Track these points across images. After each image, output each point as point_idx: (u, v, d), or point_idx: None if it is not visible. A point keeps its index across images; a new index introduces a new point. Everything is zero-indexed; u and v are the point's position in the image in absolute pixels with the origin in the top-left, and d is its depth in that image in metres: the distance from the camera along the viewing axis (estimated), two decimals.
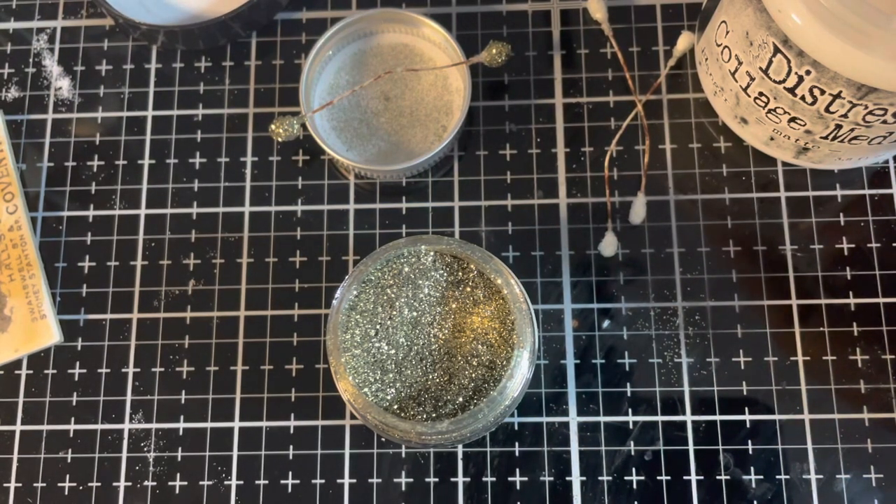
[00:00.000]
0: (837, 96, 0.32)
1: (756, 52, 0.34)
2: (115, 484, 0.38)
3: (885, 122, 0.33)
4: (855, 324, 0.38)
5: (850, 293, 0.39)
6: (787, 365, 0.38)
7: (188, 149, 0.42)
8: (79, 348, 0.40)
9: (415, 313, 0.33)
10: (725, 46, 0.36)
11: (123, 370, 0.40)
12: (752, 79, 0.35)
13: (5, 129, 0.43)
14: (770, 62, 0.33)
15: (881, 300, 0.39)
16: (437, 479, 0.38)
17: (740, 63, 0.35)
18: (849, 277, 0.39)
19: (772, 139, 0.38)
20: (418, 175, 0.41)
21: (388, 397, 0.32)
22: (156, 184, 0.42)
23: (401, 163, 0.39)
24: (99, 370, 0.40)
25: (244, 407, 0.39)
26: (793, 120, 0.35)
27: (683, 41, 0.41)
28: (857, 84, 0.31)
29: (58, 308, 0.40)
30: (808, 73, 0.32)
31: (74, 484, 0.38)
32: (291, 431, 0.39)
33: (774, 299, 0.39)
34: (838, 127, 0.34)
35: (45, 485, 0.38)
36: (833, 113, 0.33)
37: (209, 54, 0.44)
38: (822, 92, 0.32)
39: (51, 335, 0.40)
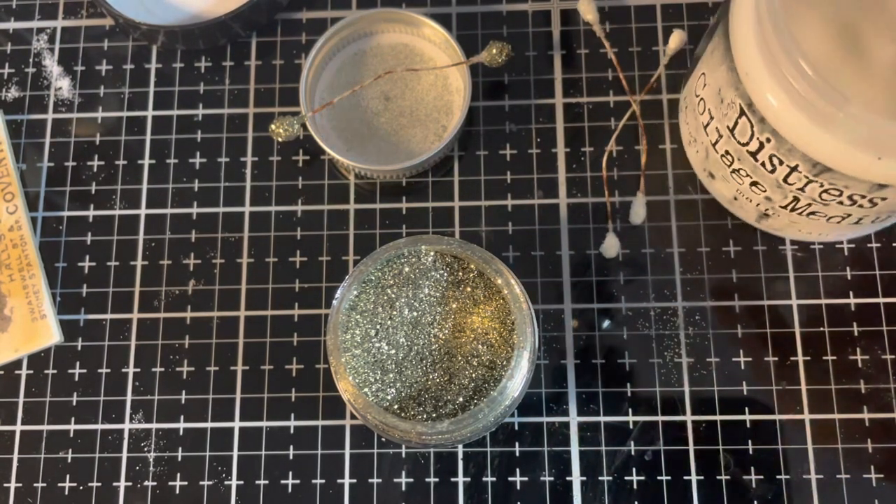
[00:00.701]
0: (794, 169, 0.31)
1: (725, 110, 0.33)
2: (115, 484, 0.38)
3: (840, 203, 0.32)
4: (855, 324, 0.38)
5: (850, 293, 0.39)
6: (787, 365, 0.38)
7: (188, 149, 0.42)
8: (79, 348, 0.40)
9: (415, 313, 0.33)
10: (702, 98, 0.35)
11: (124, 370, 0.40)
12: (720, 136, 0.34)
13: (5, 128, 0.43)
14: (736, 123, 0.32)
15: (881, 300, 0.39)
16: (437, 479, 0.38)
17: (712, 118, 0.35)
18: (849, 278, 0.39)
19: (735, 199, 0.37)
20: (418, 175, 0.41)
21: (389, 397, 0.32)
22: (156, 184, 0.42)
23: (401, 163, 0.39)
24: (99, 370, 0.40)
25: (244, 407, 0.39)
26: (754, 184, 0.34)
27: (675, 39, 0.41)
28: (813, 161, 0.30)
29: (58, 308, 0.40)
30: (768, 140, 0.31)
31: (74, 484, 0.38)
32: (292, 431, 0.39)
33: (774, 299, 0.39)
34: (796, 199, 0.33)
35: (45, 485, 0.38)
36: (791, 185, 0.32)
37: (209, 54, 0.44)
38: (781, 162, 0.32)
39: (51, 335, 0.40)
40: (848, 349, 0.38)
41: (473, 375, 0.32)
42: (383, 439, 0.38)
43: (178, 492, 0.38)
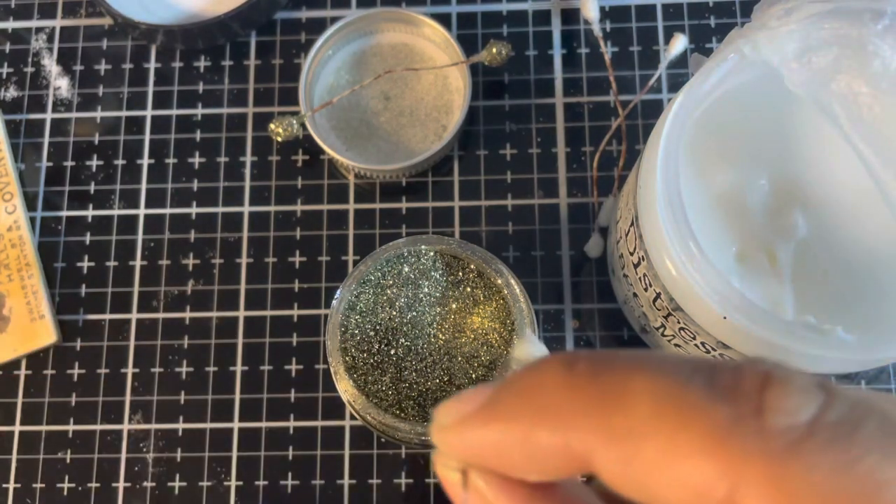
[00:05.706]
0: (658, 296, 0.30)
1: (626, 214, 0.32)
2: (114, 485, 0.38)
3: (696, 346, 0.31)
4: None
5: None
6: None
7: (187, 148, 0.42)
8: (78, 349, 0.40)
9: (415, 314, 0.33)
10: (633, 189, 0.32)
11: (122, 371, 0.39)
12: (621, 236, 0.33)
13: (4, 128, 0.43)
14: (629, 231, 0.32)
15: None
16: (437, 480, 0.38)
17: (621, 215, 0.34)
18: None
19: (626, 302, 0.36)
20: (418, 175, 0.41)
21: (388, 398, 0.32)
22: (155, 183, 0.42)
23: (401, 162, 0.39)
24: (98, 371, 0.39)
25: (243, 407, 0.39)
26: (635, 295, 0.33)
27: (676, 42, 0.41)
28: (670, 295, 0.29)
29: (57, 308, 0.40)
30: (643, 258, 0.30)
31: (73, 485, 0.38)
32: (291, 432, 0.38)
33: None
34: (663, 326, 0.32)
35: (43, 485, 0.38)
36: (658, 310, 0.31)
37: (208, 54, 0.43)
38: (650, 285, 0.31)
39: (50, 335, 0.40)
40: None
41: (473, 376, 0.32)
42: (383, 440, 0.38)
43: (177, 492, 0.38)
